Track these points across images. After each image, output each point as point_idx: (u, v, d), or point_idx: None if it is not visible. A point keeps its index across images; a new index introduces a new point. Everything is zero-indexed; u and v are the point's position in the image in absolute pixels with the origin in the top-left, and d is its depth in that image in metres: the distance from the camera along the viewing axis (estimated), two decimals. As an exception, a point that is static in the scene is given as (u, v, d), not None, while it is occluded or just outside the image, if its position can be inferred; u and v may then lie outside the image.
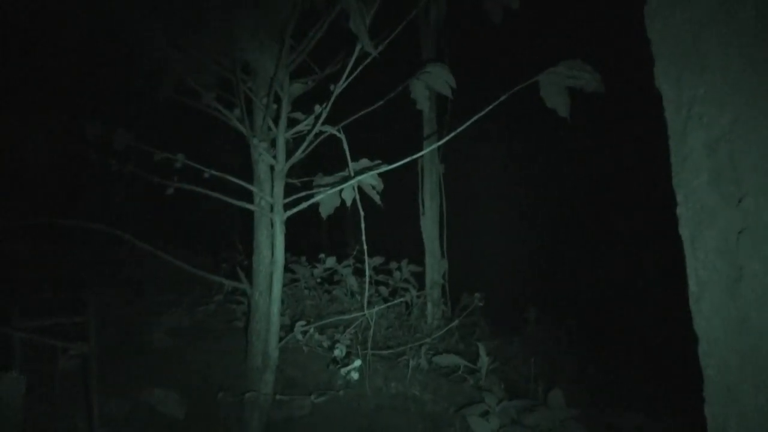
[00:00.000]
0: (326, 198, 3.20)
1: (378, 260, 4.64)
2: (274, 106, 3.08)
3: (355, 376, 2.93)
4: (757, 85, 0.95)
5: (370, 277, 4.44)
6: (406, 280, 4.74)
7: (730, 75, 1.01)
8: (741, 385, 1.03)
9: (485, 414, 2.99)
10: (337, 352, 3.14)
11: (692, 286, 1.16)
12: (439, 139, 4.61)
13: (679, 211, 1.19)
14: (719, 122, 1.05)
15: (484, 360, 3.60)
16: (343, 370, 2.95)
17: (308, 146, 3.06)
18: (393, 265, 4.76)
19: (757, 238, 0.98)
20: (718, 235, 1.07)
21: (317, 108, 3.09)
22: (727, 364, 1.06)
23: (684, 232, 1.18)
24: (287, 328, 3.45)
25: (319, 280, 4.35)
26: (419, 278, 4.97)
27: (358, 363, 2.92)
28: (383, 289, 4.58)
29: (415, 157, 3.02)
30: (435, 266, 5.03)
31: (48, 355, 2.58)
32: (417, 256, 5.07)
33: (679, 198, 1.19)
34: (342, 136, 3.11)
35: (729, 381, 1.06)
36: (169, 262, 3.13)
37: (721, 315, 1.07)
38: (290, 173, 3.44)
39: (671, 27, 1.14)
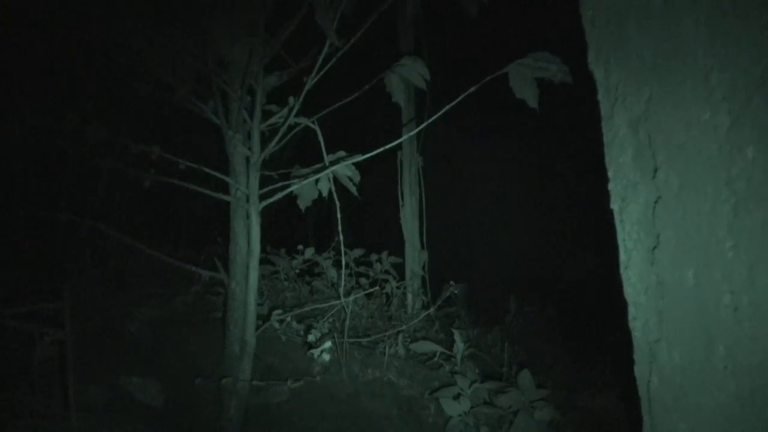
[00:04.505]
0: (303, 189, 3.26)
1: (358, 252, 4.71)
2: (249, 99, 3.13)
3: (326, 357, 2.99)
4: (665, 68, 1.04)
5: (350, 267, 4.51)
6: (386, 272, 4.80)
7: (645, 59, 1.10)
8: (659, 343, 1.12)
9: (458, 396, 3.08)
10: (311, 338, 3.20)
11: (621, 256, 1.25)
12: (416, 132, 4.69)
13: (609, 187, 1.28)
14: (638, 103, 1.13)
15: (459, 346, 3.69)
16: (315, 352, 3.01)
17: (282, 138, 3.11)
18: (374, 256, 4.82)
19: (668, 206, 1.06)
20: (640, 206, 1.16)
21: (291, 100, 3.14)
22: (648, 324, 1.15)
23: (614, 206, 1.27)
24: (266, 318, 3.51)
25: (298, 271, 4.40)
26: (400, 270, 5.04)
27: (328, 344, 2.99)
28: (364, 281, 4.64)
29: (388, 146, 3.08)
30: (414, 257, 5.10)
31: (25, 343, 2.62)
32: (398, 248, 5.15)
33: (610, 174, 1.28)
34: (317, 128, 3.17)
35: (650, 340, 1.15)
36: (150, 254, 3.18)
37: (643, 280, 1.16)
38: (272, 165, 3.49)
39: (599, 14, 1.23)
